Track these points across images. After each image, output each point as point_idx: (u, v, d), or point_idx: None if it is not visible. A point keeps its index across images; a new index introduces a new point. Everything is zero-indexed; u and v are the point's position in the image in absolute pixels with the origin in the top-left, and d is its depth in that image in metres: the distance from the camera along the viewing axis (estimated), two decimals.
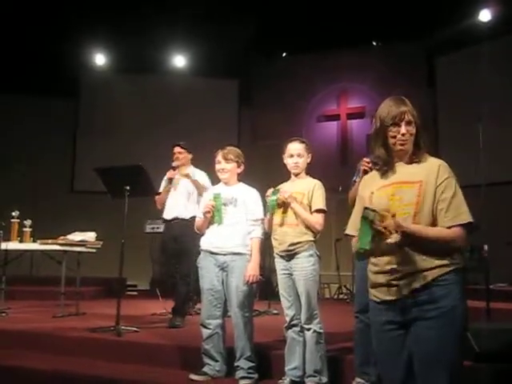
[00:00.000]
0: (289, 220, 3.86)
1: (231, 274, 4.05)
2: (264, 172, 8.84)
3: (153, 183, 5.47)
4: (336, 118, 11.30)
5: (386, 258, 2.33)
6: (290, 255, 3.84)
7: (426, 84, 10.58)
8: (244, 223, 4.12)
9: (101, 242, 6.76)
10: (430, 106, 10.31)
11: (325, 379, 3.78)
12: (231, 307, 4.06)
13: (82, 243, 6.51)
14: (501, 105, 8.86)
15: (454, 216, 2.28)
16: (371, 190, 2.46)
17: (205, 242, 4.19)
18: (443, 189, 2.31)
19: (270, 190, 3.91)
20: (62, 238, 6.45)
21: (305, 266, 3.80)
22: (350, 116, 11.06)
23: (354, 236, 2.44)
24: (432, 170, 2.35)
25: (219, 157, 4.20)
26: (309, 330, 3.80)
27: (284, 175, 4.08)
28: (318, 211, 3.87)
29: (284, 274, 3.89)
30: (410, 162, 2.43)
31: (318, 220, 3.85)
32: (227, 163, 4.18)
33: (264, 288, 7.52)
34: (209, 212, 4.06)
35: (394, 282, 2.30)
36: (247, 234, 4.11)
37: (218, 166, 4.21)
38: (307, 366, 3.80)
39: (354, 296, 4.99)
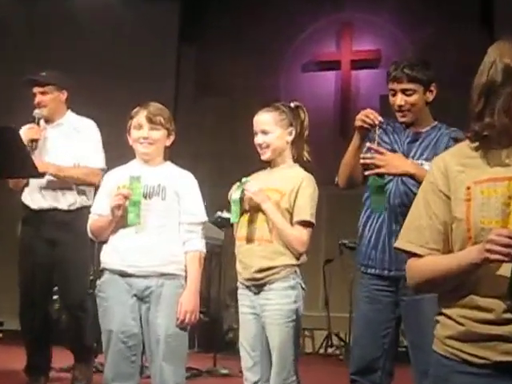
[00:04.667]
0: (258, 233, 3.06)
1: (156, 307, 3.10)
2: (211, 146, 8.22)
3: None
4: (334, 66, 8.97)
5: (500, 299, 1.71)
6: (258, 286, 3.05)
7: (478, 18, 8.52)
8: (176, 227, 3.18)
9: None
10: (483, 49, 8.06)
11: None
12: (154, 361, 3.17)
13: None
14: None
15: None
16: (465, 183, 1.75)
17: (111, 257, 3.16)
18: None
19: (235, 186, 3.21)
20: None
21: (281, 303, 3.02)
22: (357, 64, 8.81)
23: (414, 254, 1.77)
24: None
25: (141, 118, 3.14)
26: None
27: (247, 153, 3.47)
28: (303, 224, 2.99)
29: (249, 314, 3.11)
30: None
31: (300, 236, 3.00)
32: (153, 130, 3.15)
33: (207, 333, 6.65)
34: (119, 206, 3.03)
35: None
36: (181, 245, 3.18)
37: (136, 134, 3.14)
38: None
39: (349, 350, 4.67)
